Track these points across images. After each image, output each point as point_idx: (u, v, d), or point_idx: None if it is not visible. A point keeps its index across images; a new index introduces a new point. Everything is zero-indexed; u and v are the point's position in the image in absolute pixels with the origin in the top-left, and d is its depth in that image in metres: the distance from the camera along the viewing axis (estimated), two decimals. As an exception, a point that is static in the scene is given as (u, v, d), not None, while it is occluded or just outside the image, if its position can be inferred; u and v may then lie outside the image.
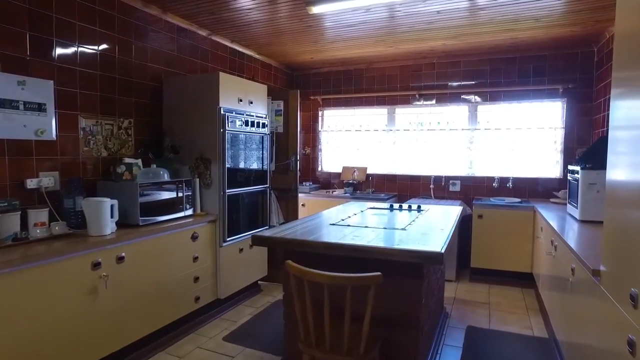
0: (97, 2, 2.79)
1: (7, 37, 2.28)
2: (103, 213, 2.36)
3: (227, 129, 3.20)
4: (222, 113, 3.17)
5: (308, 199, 4.95)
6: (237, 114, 3.34)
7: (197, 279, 3.05)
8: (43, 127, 2.44)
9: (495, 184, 4.65)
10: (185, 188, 3.07)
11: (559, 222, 2.97)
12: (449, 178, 4.88)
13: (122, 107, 3.04)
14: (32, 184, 2.40)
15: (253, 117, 3.56)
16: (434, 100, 4.94)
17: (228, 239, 3.31)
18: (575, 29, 3.70)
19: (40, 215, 2.28)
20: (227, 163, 3.24)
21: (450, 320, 3.25)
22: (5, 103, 2.26)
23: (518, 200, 4.36)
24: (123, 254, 2.42)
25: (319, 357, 1.84)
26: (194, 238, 3.02)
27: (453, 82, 4.83)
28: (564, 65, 4.38)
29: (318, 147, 5.61)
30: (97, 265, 2.25)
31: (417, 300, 2.05)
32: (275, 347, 2.77)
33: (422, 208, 3.28)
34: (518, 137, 4.61)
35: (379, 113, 5.25)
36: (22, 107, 2.32)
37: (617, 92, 1.54)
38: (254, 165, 3.67)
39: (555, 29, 3.71)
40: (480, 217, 4.21)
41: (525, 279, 4.05)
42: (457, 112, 4.86)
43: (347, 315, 1.76)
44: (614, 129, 1.55)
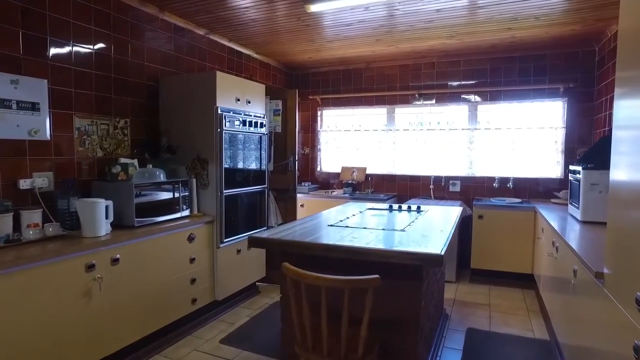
0: (92, 0, 2.76)
1: (-1, 35, 2.25)
2: (97, 214, 2.33)
3: (224, 129, 3.17)
4: (219, 113, 3.13)
5: (307, 200, 4.91)
6: (234, 114, 3.31)
7: (193, 281, 3.01)
8: (37, 126, 2.41)
9: (496, 184, 4.61)
10: (182, 188, 3.03)
11: (560, 222, 2.94)
12: (449, 178, 4.85)
13: (118, 106, 3.01)
14: (25, 185, 2.37)
15: (251, 116, 3.53)
16: (434, 100, 4.90)
17: (225, 240, 3.28)
18: (576, 28, 3.66)
19: (34, 217, 2.24)
20: (224, 163, 3.20)
21: (450, 322, 3.22)
22: (-2, 102, 2.22)
23: (518, 201, 4.32)
24: (118, 256, 2.38)
25: (316, 361, 1.80)
26: (191, 239, 2.98)
27: (453, 81, 4.80)
28: (565, 65, 4.34)
29: (317, 147, 5.57)
30: (91, 267, 2.21)
31: (416, 303, 2.02)
32: (273, 349, 2.74)
33: (421, 209, 3.24)
34: (518, 137, 4.57)
35: (379, 113, 5.21)
36: (15, 106, 2.28)
37: (620, 91, 1.51)
38: (252, 166, 3.64)
39: (556, 28, 3.67)
40: (481, 217, 4.18)
41: (526, 280, 4.02)
42: (457, 111, 4.83)
43: (344, 319, 1.72)
44: (618, 129, 1.51)
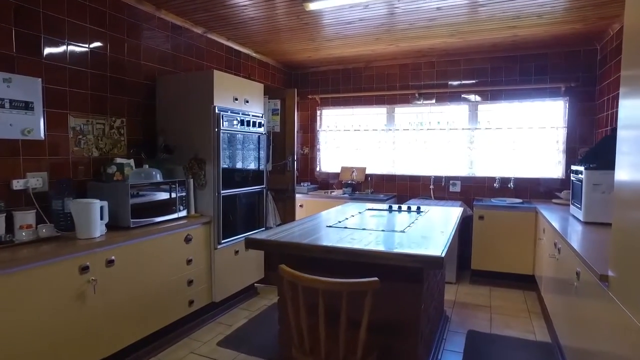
0: (87, -2, 2.72)
1: (-8, 33, 2.21)
2: (92, 215, 2.29)
3: (222, 129, 3.13)
4: (216, 112, 3.09)
5: (306, 200, 4.87)
6: (232, 113, 3.27)
7: (191, 282, 2.97)
8: (30, 126, 2.37)
9: (496, 185, 4.57)
10: (179, 189, 2.99)
11: (562, 223, 2.90)
12: (449, 178, 4.81)
13: (114, 106, 2.97)
14: (18, 185, 2.33)
15: (249, 116, 3.49)
16: (434, 100, 4.86)
17: (223, 241, 3.24)
18: (578, 26, 3.62)
19: (27, 217, 2.20)
20: (222, 163, 3.16)
21: (451, 325, 3.18)
22: (-10, 101, 2.18)
23: (519, 201, 4.28)
24: (113, 257, 2.34)
25: (314, 365, 1.76)
26: (188, 240, 2.94)
27: (453, 81, 4.76)
28: (566, 64, 4.30)
29: (316, 147, 5.53)
30: (85, 269, 2.17)
31: (416, 306, 1.98)
32: (271, 352, 2.70)
33: (421, 209, 3.20)
34: (519, 136, 4.53)
35: (378, 112, 5.17)
36: (7, 105, 2.24)
37: (625, 90, 1.47)
38: (250, 166, 3.60)
39: (557, 26, 3.63)
40: (481, 218, 4.14)
41: (527, 282, 3.98)
42: (457, 111, 4.79)
43: (342, 322, 1.68)
44: (622, 128, 1.48)
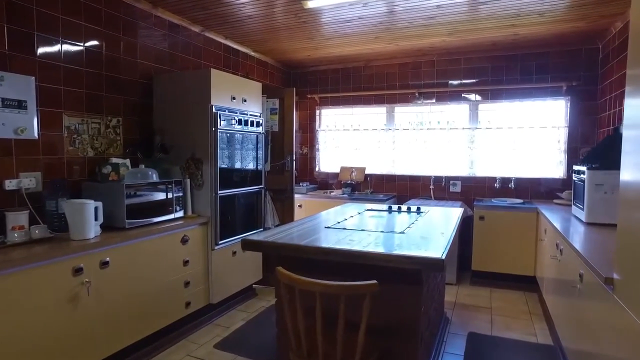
0: (82, -5, 2.68)
1: (-16, 30, 2.17)
2: (86, 215, 2.25)
3: (219, 128, 3.09)
4: (213, 111, 3.05)
5: (305, 200, 4.83)
6: (230, 112, 3.23)
7: (187, 284, 2.93)
8: (23, 125, 2.33)
9: (497, 185, 4.53)
10: (176, 189, 2.95)
11: (564, 224, 2.85)
12: (450, 178, 4.77)
13: (110, 105, 2.93)
14: (11, 185, 2.28)
15: (247, 115, 3.44)
16: (434, 99, 4.82)
17: (220, 242, 3.20)
18: (579, 25, 3.58)
19: (19, 218, 2.16)
20: (219, 163, 3.12)
21: (451, 326, 3.13)
22: (-18, 100, 2.14)
23: (520, 201, 4.24)
24: (107, 259, 2.30)
25: (311, 369, 1.73)
26: (184, 241, 2.90)
27: (453, 80, 4.71)
28: (568, 63, 4.26)
29: (316, 146, 5.49)
30: (78, 271, 2.13)
31: (415, 308, 1.94)
32: (269, 355, 2.66)
33: (421, 210, 3.16)
34: (520, 136, 4.48)
35: (378, 112, 5.13)
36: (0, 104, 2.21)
37: (630, 89, 1.43)
38: (248, 166, 3.55)
39: (559, 25, 3.59)
40: (482, 218, 4.10)
41: (528, 283, 3.93)
42: (457, 111, 4.74)
43: (340, 325, 1.64)
44: (628, 128, 1.44)
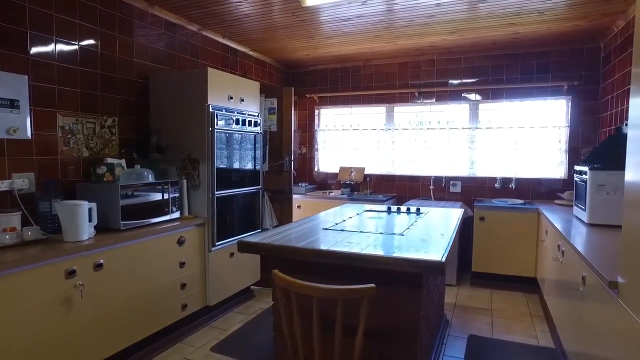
0: (76, -7, 2.64)
1: (-25, 28, 2.13)
2: (79, 217, 2.21)
3: (216, 128, 3.05)
4: (210, 111, 3.01)
5: (304, 200, 4.79)
6: (227, 112, 3.19)
7: (184, 286, 2.89)
8: (16, 124, 2.28)
9: (498, 185, 4.49)
10: (172, 190, 2.91)
11: (566, 225, 2.81)
12: (450, 178, 4.73)
13: (105, 104, 2.89)
14: (3, 186, 2.24)
15: (244, 115, 3.40)
16: (434, 99, 4.78)
17: (217, 243, 3.15)
18: (581, 23, 3.54)
19: (11, 220, 2.12)
20: (216, 163, 3.08)
21: (451, 329, 3.09)
22: (-27, 99, 2.10)
23: (521, 202, 4.20)
24: (101, 261, 2.26)
25: (308, 375, 1.68)
26: (181, 242, 2.86)
27: (453, 79, 4.68)
28: (569, 62, 4.22)
29: (315, 146, 5.44)
30: (71, 274, 2.09)
31: (415, 311, 1.90)
32: (267, 358, 2.62)
33: (421, 211, 3.12)
34: (521, 136, 4.44)
35: (377, 112, 5.09)
36: (-9, 103, 2.17)
37: (636, 88, 1.39)
38: (246, 166, 3.51)
39: (559, 23, 3.55)
40: (482, 219, 4.06)
41: (529, 284, 3.90)
42: (457, 110, 4.70)
43: (338, 329, 1.60)
44: (633, 128, 1.40)
